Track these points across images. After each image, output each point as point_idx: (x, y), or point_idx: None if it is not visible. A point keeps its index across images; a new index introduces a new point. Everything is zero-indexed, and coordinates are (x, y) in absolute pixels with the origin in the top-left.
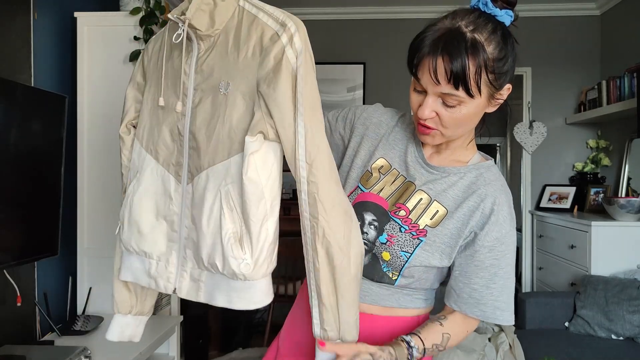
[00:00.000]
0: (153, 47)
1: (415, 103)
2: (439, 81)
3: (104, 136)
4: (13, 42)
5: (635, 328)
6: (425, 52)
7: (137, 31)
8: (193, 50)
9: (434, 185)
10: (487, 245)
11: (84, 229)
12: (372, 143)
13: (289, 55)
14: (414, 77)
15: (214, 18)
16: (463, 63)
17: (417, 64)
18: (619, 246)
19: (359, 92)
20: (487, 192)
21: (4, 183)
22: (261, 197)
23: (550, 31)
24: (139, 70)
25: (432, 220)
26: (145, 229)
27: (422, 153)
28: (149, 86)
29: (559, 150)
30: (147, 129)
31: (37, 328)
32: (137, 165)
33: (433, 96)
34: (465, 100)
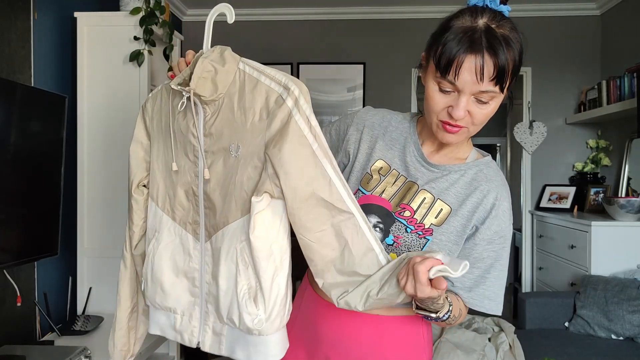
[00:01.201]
0: (152, 107)
1: (440, 104)
2: (484, 77)
3: (104, 136)
4: (13, 42)
5: (635, 328)
6: (467, 51)
7: (137, 31)
8: (199, 113)
9: (436, 184)
10: (487, 239)
11: (84, 229)
12: (369, 145)
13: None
14: (443, 78)
15: (217, 84)
16: (507, 59)
17: (458, 64)
18: (619, 246)
19: (359, 92)
20: (489, 188)
21: (4, 183)
22: (270, 254)
23: (550, 31)
24: (141, 130)
25: (437, 219)
26: (167, 286)
27: (421, 152)
28: (157, 147)
29: (559, 150)
30: (161, 190)
31: (37, 328)
32: (154, 225)
33: (468, 95)
34: (497, 95)
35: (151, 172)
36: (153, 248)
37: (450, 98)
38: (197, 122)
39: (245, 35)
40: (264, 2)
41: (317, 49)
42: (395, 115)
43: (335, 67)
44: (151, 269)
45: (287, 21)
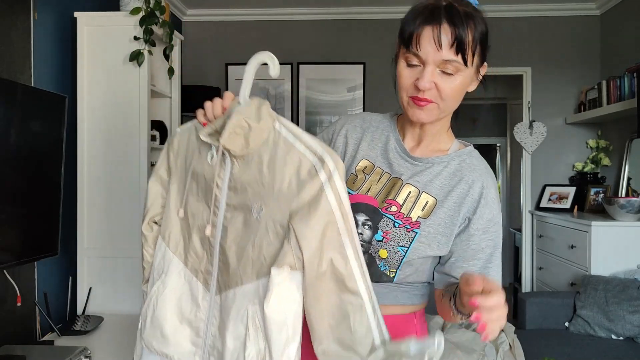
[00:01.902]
0: (179, 144)
1: (408, 78)
2: (442, 47)
3: (104, 136)
4: (13, 42)
5: (635, 328)
6: (426, 22)
7: (137, 31)
8: (226, 164)
9: (420, 177)
10: (482, 228)
11: (84, 229)
12: (353, 148)
13: (328, 195)
14: (408, 51)
15: (249, 140)
16: (464, 29)
17: (418, 34)
18: (619, 246)
19: (359, 92)
20: (474, 178)
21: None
22: (283, 325)
23: (550, 31)
24: (162, 165)
25: (424, 211)
26: (168, 332)
27: (403, 147)
28: (177, 186)
29: (559, 150)
30: (174, 231)
31: (37, 328)
32: (162, 266)
33: (432, 66)
34: (461, 68)
35: (166, 211)
36: (157, 290)
37: (417, 71)
38: (224, 174)
39: (246, 35)
40: (264, 2)
41: (317, 49)
42: (374, 115)
43: (335, 67)
44: (153, 311)
45: (287, 21)
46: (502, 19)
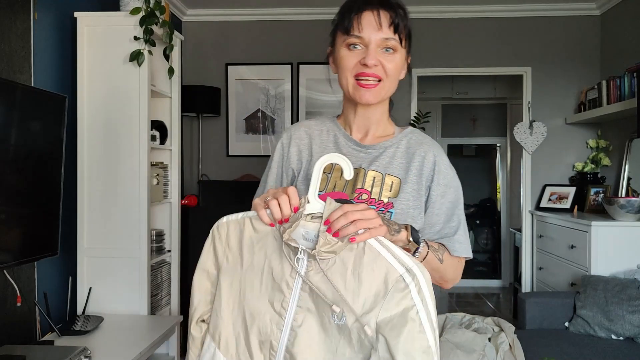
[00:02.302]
0: (228, 236)
1: (353, 60)
2: (382, 26)
3: (104, 136)
4: (13, 42)
5: (635, 328)
6: (364, 7)
7: (137, 31)
8: (300, 265)
9: (378, 162)
10: (440, 193)
11: (84, 229)
12: (307, 154)
13: (419, 309)
14: (350, 37)
15: (335, 245)
16: (397, 13)
17: (359, 18)
18: (619, 246)
19: None
20: (425, 150)
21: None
22: None
23: (550, 31)
24: (209, 259)
25: (392, 192)
26: None
27: (353, 140)
28: (229, 283)
29: (559, 150)
30: (226, 331)
31: (37, 328)
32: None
33: (374, 44)
34: (398, 47)
35: (215, 309)
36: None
37: (359, 52)
38: (298, 273)
39: (246, 35)
40: (264, 2)
41: (317, 49)
42: (314, 121)
43: None
44: None
45: (287, 21)
46: (502, 19)
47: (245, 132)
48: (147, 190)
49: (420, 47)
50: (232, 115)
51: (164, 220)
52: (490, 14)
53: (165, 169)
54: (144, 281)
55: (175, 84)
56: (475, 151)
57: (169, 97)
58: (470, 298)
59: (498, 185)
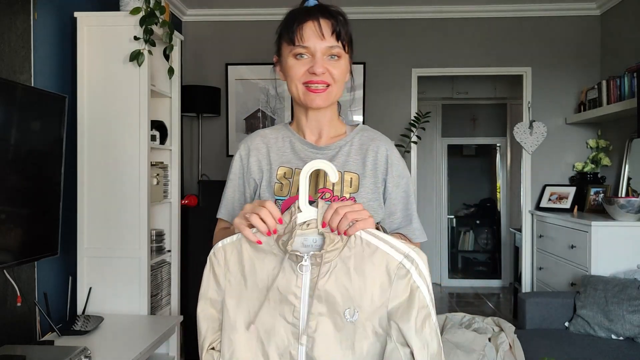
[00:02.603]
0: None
1: (301, 69)
2: (325, 36)
3: (104, 136)
4: (13, 42)
5: (635, 328)
6: (306, 18)
7: (137, 31)
8: (303, 273)
9: (335, 161)
10: (394, 184)
11: (84, 229)
12: (266, 162)
13: (422, 290)
14: (296, 47)
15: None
16: (338, 21)
17: (302, 29)
18: (619, 246)
19: (359, 92)
20: (377, 145)
21: (4, 183)
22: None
23: (550, 31)
24: (210, 286)
25: (352, 187)
26: None
27: (309, 143)
28: (236, 304)
29: (559, 150)
30: (244, 354)
31: (37, 328)
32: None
33: (320, 53)
34: (342, 53)
35: (227, 334)
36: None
37: (307, 61)
38: (302, 283)
39: (246, 35)
40: (264, 2)
41: None
42: (268, 130)
43: None
44: None
45: None
46: (502, 19)
47: (245, 132)
48: (147, 190)
49: (420, 47)
50: (232, 115)
51: (164, 220)
52: (490, 14)
53: (165, 169)
54: (144, 281)
55: (175, 84)
56: (475, 151)
57: (169, 97)
58: (470, 298)
59: (498, 185)
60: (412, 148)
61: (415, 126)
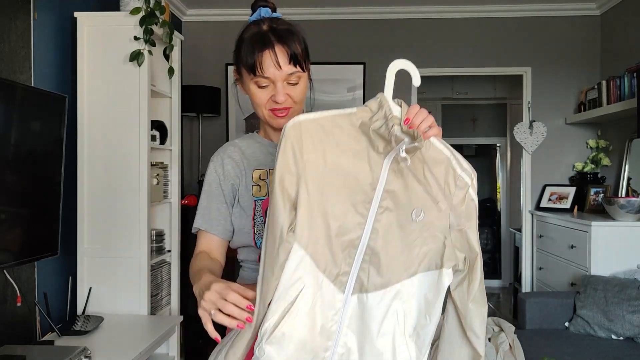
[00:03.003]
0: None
1: (264, 97)
2: (282, 65)
3: (104, 136)
4: (13, 42)
5: (635, 328)
6: (262, 48)
7: (137, 31)
8: (384, 167)
9: None
10: None
11: (84, 229)
12: (242, 167)
13: (475, 201)
14: (255, 75)
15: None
16: (294, 44)
17: (260, 61)
18: (619, 246)
19: (359, 92)
20: None
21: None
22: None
23: (550, 31)
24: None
25: None
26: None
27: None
28: (308, 184)
29: (559, 150)
30: (308, 233)
31: (37, 328)
32: (296, 275)
33: (280, 82)
34: (302, 75)
35: (301, 213)
36: (291, 302)
37: (269, 89)
38: (382, 175)
39: None
40: None
41: (317, 49)
42: (236, 140)
43: (335, 67)
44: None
45: None
46: (502, 19)
47: (245, 132)
48: (147, 190)
49: (420, 47)
50: (232, 115)
51: (164, 220)
52: (490, 14)
53: (165, 169)
54: (144, 281)
55: (175, 84)
56: (475, 151)
57: (169, 97)
58: None
59: (498, 185)
60: None
61: None
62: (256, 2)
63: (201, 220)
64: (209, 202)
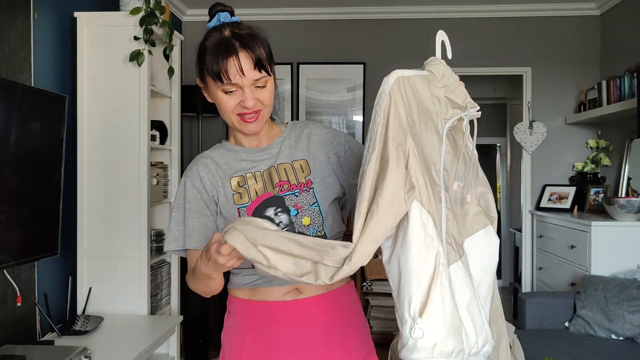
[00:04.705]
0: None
1: (232, 103)
2: (247, 72)
3: (104, 136)
4: (13, 42)
5: (635, 328)
6: (226, 56)
7: (137, 31)
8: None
9: (281, 156)
10: (345, 150)
11: (84, 229)
12: (219, 178)
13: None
14: (221, 82)
15: None
16: (257, 49)
17: (224, 68)
18: (619, 246)
19: (359, 92)
20: (310, 129)
21: (4, 183)
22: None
23: (550, 31)
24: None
25: (304, 172)
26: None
27: (251, 150)
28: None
29: (559, 150)
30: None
31: (37, 328)
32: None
33: (248, 87)
34: (268, 78)
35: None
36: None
37: (236, 95)
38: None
39: None
40: (264, 2)
41: (317, 49)
42: (206, 152)
43: (335, 67)
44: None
45: (287, 21)
46: (502, 19)
47: None
48: (147, 190)
49: (420, 47)
50: None
51: (164, 220)
52: (490, 14)
53: (165, 169)
54: (144, 281)
55: (175, 84)
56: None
57: (169, 97)
58: None
59: (498, 185)
60: None
61: None
62: (214, 6)
63: (191, 240)
64: (189, 222)
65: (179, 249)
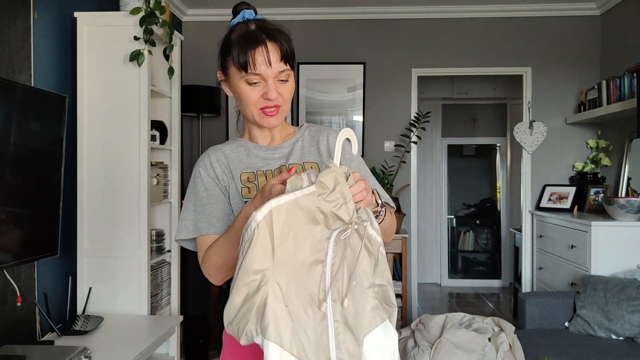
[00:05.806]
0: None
1: (255, 95)
2: (274, 62)
3: (104, 136)
4: (13, 42)
5: (635, 328)
6: (254, 46)
7: (137, 31)
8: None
9: (293, 156)
10: (350, 158)
11: (84, 229)
12: (230, 171)
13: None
14: (246, 72)
15: None
16: (283, 43)
17: (252, 58)
18: (619, 246)
19: (359, 92)
20: (326, 134)
21: (4, 183)
22: None
23: (550, 31)
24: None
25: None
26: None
27: (264, 146)
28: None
29: (559, 150)
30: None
31: (37, 328)
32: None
33: (272, 79)
34: (290, 73)
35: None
36: None
37: (259, 87)
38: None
39: None
40: (263, 2)
41: (317, 49)
42: (219, 145)
43: (335, 67)
44: None
45: (287, 21)
46: (502, 19)
47: None
48: (147, 190)
49: (420, 47)
50: (232, 115)
51: (164, 220)
52: (490, 14)
53: (165, 169)
54: (144, 281)
55: (175, 84)
56: (475, 151)
57: (169, 97)
58: (470, 298)
59: (498, 185)
60: (412, 148)
61: (416, 126)
62: (238, 5)
63: (207, 226)
64: (211, 206)
65: (190, 237)
